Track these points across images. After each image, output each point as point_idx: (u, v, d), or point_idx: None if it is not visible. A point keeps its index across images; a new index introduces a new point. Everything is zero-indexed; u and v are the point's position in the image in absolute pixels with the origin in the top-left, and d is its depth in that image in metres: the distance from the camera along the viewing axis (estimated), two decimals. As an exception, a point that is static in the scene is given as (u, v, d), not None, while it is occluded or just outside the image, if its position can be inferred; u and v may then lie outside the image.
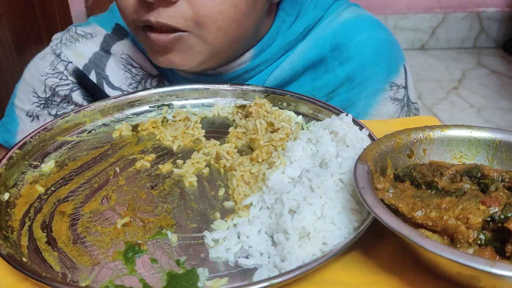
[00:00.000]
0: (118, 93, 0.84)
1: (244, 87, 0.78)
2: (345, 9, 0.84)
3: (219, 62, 0.78)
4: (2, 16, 1.67)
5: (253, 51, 0.80)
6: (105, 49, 0.86)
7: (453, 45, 2.85)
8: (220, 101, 0.78)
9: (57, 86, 0.86)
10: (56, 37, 0.89)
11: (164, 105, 0.77)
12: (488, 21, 2.81)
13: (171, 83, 0.87)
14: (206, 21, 0.67)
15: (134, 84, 0.86)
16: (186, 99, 0.78)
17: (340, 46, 0.81)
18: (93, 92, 0.87)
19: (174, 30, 0.68)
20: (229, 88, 0.78)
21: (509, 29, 2.81)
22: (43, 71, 0.86)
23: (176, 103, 0.77)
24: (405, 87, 0.84)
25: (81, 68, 0.85)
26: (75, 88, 0.86)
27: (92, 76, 0.85)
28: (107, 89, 0.85)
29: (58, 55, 0.86)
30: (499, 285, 0.42)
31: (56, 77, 0.86)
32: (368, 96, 0.82)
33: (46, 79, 0.86)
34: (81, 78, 0.86)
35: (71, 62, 0.85)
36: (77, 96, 0.86)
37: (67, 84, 0.86)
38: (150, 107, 0.76)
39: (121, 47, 0.87)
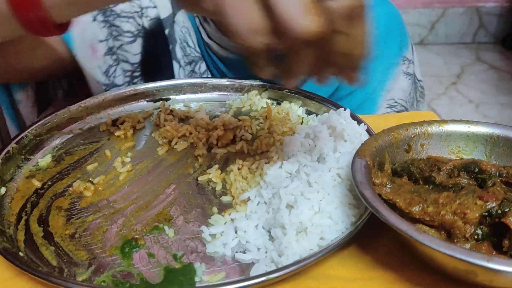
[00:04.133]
0: (176, 66, 0.76)
1: (242, 81, 0.77)
2: None
3: None
4: None
5: None
6: (173, 14, 0.78)
7: (452, 40, 2.84)
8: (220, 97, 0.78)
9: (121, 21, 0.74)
10: None
11: (161, 99, 0.76)
12: (487, 16, 2.80)
13: (208, 67, 0.83)
14: None
15: (182, 63, 0.79)
16: (184, 93, 0.77)
17: None
18: (153, 56, 0.76)
19: None
20: (227, 83, 0.78)
21: (508, 24, 2.80)
22: None
23: (173, 97, 0.77)
24: (413, 63, 0.85)
25: (161, 18, 0.74)
26: (140, 35, 0.75)
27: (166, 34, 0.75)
28: (172, 54, 0.76)
29: None
30: (496, 280, 0.42)
31: (133, 7, 0.74)
32: (383, 70, 0.82)
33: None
34: (155, 29, 0.75)
35: (155, 7, 0.75)
36: (135, 46, 0.75)
37: (137, 26, 0.74)
38: (147, 101, 0.76)
39: (182, 18, 0.78)
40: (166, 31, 0.76)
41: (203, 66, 0.83)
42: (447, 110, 2.26)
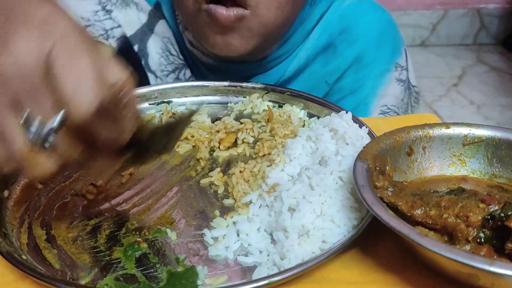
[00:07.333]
0: (152, 77, 0.80)
1: (244, 84, 0.78)
2: None
3: (263, 49, 0.76)
4: None
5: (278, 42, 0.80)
6: (149, 27, 0.82)
7: (453, 41, 2.84)
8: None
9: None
10: None
11: (163, 102, 0.76)
12: (489, 18, 2.80)
13: (192, 72, 0.86)
14: None
15: (166, 72, 0.82)
16: (186, 96, 0.77)
17: (347, 28, 0.82)
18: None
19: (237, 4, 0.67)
20: (228, 86, 0.78)
21: (509, 26, 2.80)
22: (84, 13, 0.79)
23: (175, 100, 0.77)
24: (407, 69, 0.86)
25: (128, 36, 0.79)
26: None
27: (135, 50, 0.80)
28: (146, 68, 0.80)
29: (108, 12, 0.79)
30: (498, 283, 0.42)
31: (97, 31, 0.79)
32: (376, 76, 0.83)
33: (87, 25, 0.78)
34: (123, 47, 0.80)
35: (120, 27, 0.80)
36: None
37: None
38: (149, 104, 0.76)
39: (162, 28, 0.83)
40: (135, 47, 0.80)
41: (188, 73, 0.85)
42: (448, 111, 2.26)
